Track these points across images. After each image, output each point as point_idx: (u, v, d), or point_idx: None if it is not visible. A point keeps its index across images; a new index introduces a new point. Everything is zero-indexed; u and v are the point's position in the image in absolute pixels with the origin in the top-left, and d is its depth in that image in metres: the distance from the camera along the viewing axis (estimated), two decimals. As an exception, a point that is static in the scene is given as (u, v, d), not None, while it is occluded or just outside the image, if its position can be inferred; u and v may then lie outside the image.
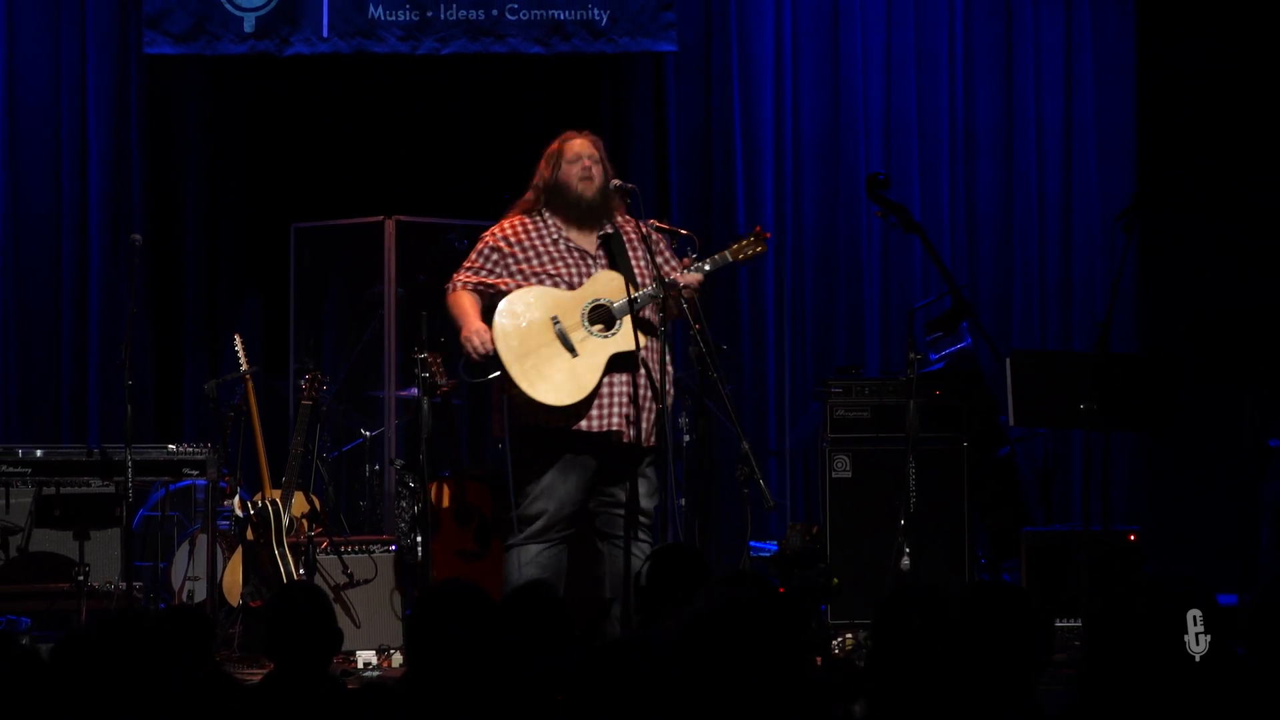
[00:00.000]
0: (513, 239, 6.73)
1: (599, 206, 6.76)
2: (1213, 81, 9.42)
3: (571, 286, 6.69)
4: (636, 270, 6.70)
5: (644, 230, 6.74)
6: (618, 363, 6.62)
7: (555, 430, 6.62)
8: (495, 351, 6.59)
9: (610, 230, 6.78)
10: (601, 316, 6.61)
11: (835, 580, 6.27)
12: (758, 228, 7.09)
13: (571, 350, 6.57)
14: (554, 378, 6.57)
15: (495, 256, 6.73)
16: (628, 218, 6.80)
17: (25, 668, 3.78)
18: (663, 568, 5.15)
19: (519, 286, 6.68)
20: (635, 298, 6.58)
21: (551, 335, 6.59)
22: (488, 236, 6.80)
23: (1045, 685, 4.03)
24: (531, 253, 6.72)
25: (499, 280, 6.71)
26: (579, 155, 6.77)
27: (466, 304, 6.73)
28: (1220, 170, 9.37)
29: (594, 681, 3.63)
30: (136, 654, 3.87)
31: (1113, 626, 3.63)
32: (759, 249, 6.91)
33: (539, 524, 6.66)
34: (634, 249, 6.76)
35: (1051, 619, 4.00)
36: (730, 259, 6.87)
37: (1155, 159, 9.44)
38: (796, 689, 3.62)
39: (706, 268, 6.76)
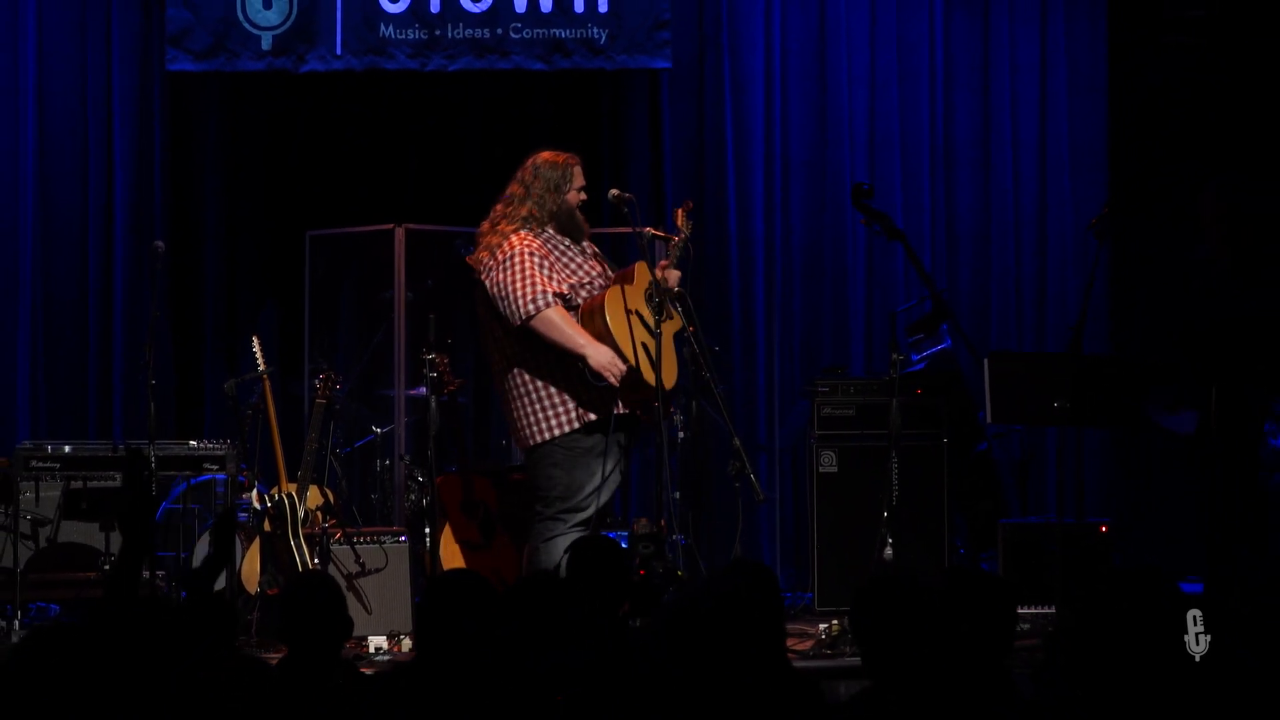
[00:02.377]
0: (537, 250, 6.82)
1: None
2: (1185, 94, 9.50)
3: (600, 288, 6.87)
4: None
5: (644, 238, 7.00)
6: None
7: (616, 416, 6.76)
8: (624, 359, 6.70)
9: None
10: (657, 307, 6.75)
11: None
12: (688, 201, 7.30)
13: (656, 340, 6.66)
14: (659, 366, 6.70)
15: (545, 265, 6.80)
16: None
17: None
18: (582, 559, 5.30)
19: (570, 291, 6.82)
20: (671, 288, 6.79)
21: (642, 329, 6.69)
22: (521, 247, 6.82)
23: (1016, 669, 4.19)
24: (560, 262, 6.86)
25: (559, 287, 6.80)
26: (583, 184, 7.00)
27: (571, 320, 6.76)
28: (1192, 178, 9.35)
29: (596, 681, 3.85)
30: (161, 639, 3.92)
31: (1089, 616, 3.72)
32: (691, 221, 7.14)
33: (589, 513, 6.75)
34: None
35: (1015, 603, 4.21)
36: (685, 235, 7.05)
37: (1126, 170, 9.48)
38: (786, 673, 3.86)
39: (678, 255, 6.96)
